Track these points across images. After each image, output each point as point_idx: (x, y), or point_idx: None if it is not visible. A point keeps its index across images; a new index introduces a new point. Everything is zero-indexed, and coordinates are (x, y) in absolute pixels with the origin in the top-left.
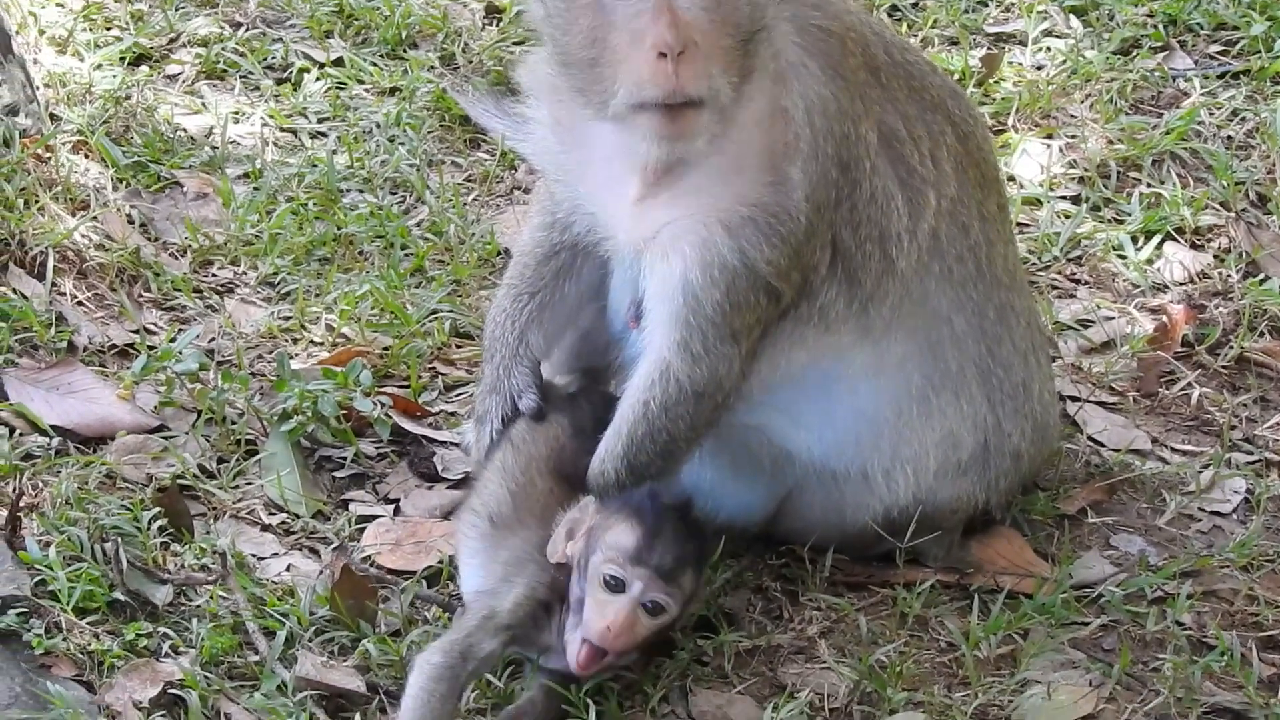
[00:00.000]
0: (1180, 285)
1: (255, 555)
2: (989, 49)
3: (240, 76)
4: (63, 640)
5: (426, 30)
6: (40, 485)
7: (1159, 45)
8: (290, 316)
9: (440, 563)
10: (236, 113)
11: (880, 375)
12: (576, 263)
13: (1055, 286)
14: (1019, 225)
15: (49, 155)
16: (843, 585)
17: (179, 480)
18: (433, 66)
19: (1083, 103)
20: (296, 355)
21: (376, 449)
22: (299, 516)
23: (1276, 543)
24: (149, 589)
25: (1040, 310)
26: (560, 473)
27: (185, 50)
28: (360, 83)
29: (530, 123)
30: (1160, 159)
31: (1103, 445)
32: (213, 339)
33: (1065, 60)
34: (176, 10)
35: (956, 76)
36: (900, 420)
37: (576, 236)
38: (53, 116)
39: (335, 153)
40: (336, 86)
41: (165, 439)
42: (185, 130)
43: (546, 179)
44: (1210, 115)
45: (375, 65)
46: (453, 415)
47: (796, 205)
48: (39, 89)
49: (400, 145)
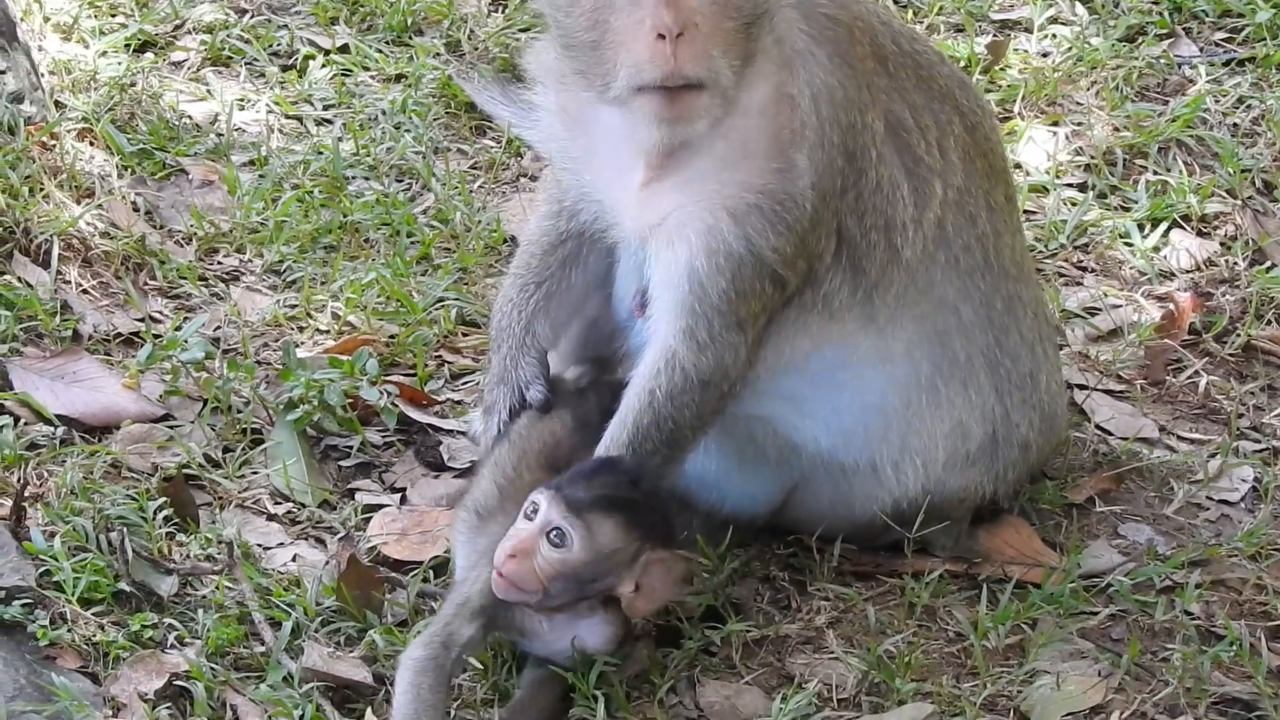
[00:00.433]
0: (1187, 273)
1: (261, 545)
2: (995, 36)
3: (245, 63)
4: (68, 631)
5: (432, 17)
6: (45, 475)
7: (1164, 32)
8: (296, 305)
9: (447, 552)
10: (242, 100)
11: (887, 364)
12: (583, 251)
13: (1062, 274)
14: (1025, 213)
15: (54, 143)
16: (851, 575)
17: (184, 470)
18: (438, 53)
19: (1088, 90)
20: (302, 344)
21: (383, 438)
22: (305, 506)
23: None
24: (154, 580)
25: (1048, 300)
26: (553, 467)
27: (190, 37)
28: (366, 69)
29: (537, 110)
30: (1166, 146)
31: (1110, 434)
32: (218, 327)
33: (1071, 47)
34: None
35: (962, 64)
36: (909, 410)
37: (583, 224)
38: (58, 104)
39: (341, 140)
40: (342, 73)
41: (170, 428)
42: (190, 117)
43: (554, 166)
44: (1216, 102)
45: (381, 52)
46: (459, 404)
47: (802, 193)
48: (44, 76)
49: (406, 132)
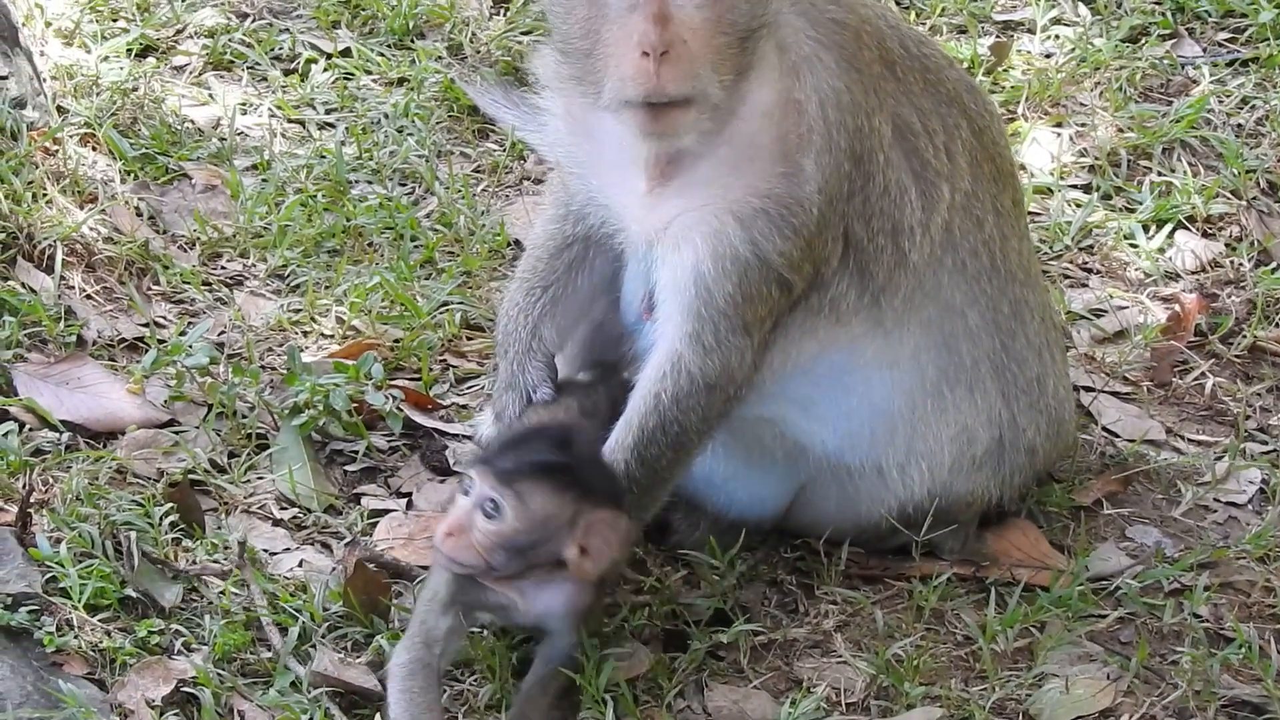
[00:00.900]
0: (1192, 274)
1: (267, 551)
2: (998, 37)
3: (247, 67)
4: (74, 638)
5: (434, 20)
6: (50, 481)
7: (1168, 33)
8: (300, 309)
9: None
10: (244, 104)
11: (894, 368)
12: (589, 255)
13: (1067, 276)
14: (1030, 215)
15: (56, 148)
16: (858, 578)
17: (190, 475)
18: (440, 56)
19: (1092, 91)
20: (307, 348)
21: (388, 442)
22: (311, 511)
23: None
24: (160, 586)
25: (1056, 305)
26: None
27: (192, 41)
28: (368, 73)
29: (544, 114)
30: (1170, 147)
31: (1117, 436)
32: (222, 332)
33: (1074, 48)
34: (183, 1)
35: (965, 65)
36: (914, 414)
37: (590, 229)
38: (60, 109)
39: (343, 144)
40: (344, 77)
41: (176, 433)
42: (193, 122)
43: (560, 171)
44: (1220, 103)
45: (383, 55)
46: (464, 408)
47: (809, 197)
48: (46, 81)
49: (409, 136)
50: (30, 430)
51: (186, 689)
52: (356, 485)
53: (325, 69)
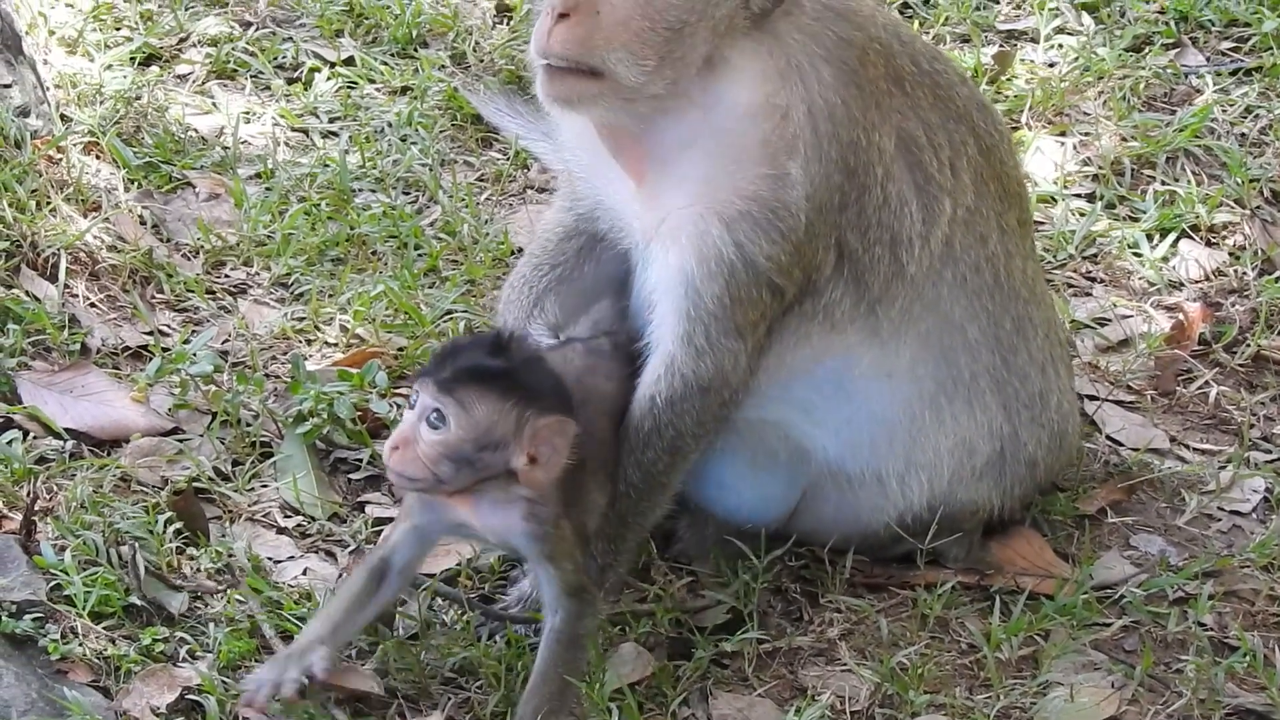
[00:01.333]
0: (1196, 283)
1: (271, 558)
2: (1001, 46)
3: (251, 76)
4: (79, 645)
5: (437, 29)
6: (55, 489)
7: (1171, 42)
8: (304, 317)
9: (458, 564)
10: (247, 113)
11: (891, 378)
12: (597, 247)
13: (1071, 285)
14: (1034, 224)
15: (60, 156)
16: (863, 587)
17: (194, 483)
18: (444, 65)
19: (1095, 100)
20: (311, 356)
21: None
22: (315, 519)
23: None
24: (166, 594)
25: (1064, 322)
26: None
27: (195, 50)
28: (371, 82)
29: (551, 120)
30: (1174, 156)
31: (1121, 444)
32: (226, 340)
33: (1077, 57)
34: (186, 10)
35: (969, 74)
36: (913, 424)
37: (602, 233)
38: (64, 117)
39: (347, 152)
40: (347, 86)
41: (180, 441)
42: (196, 130)
43: (570, 176)
44: (1223, 112)
45: (386, 64)
46: None
47: (795, 202)
48: (49, 90)
49: (412, 145)
50: (34, 438)
51: (191, 696)
52: (360, 493)
53: (329, 78)
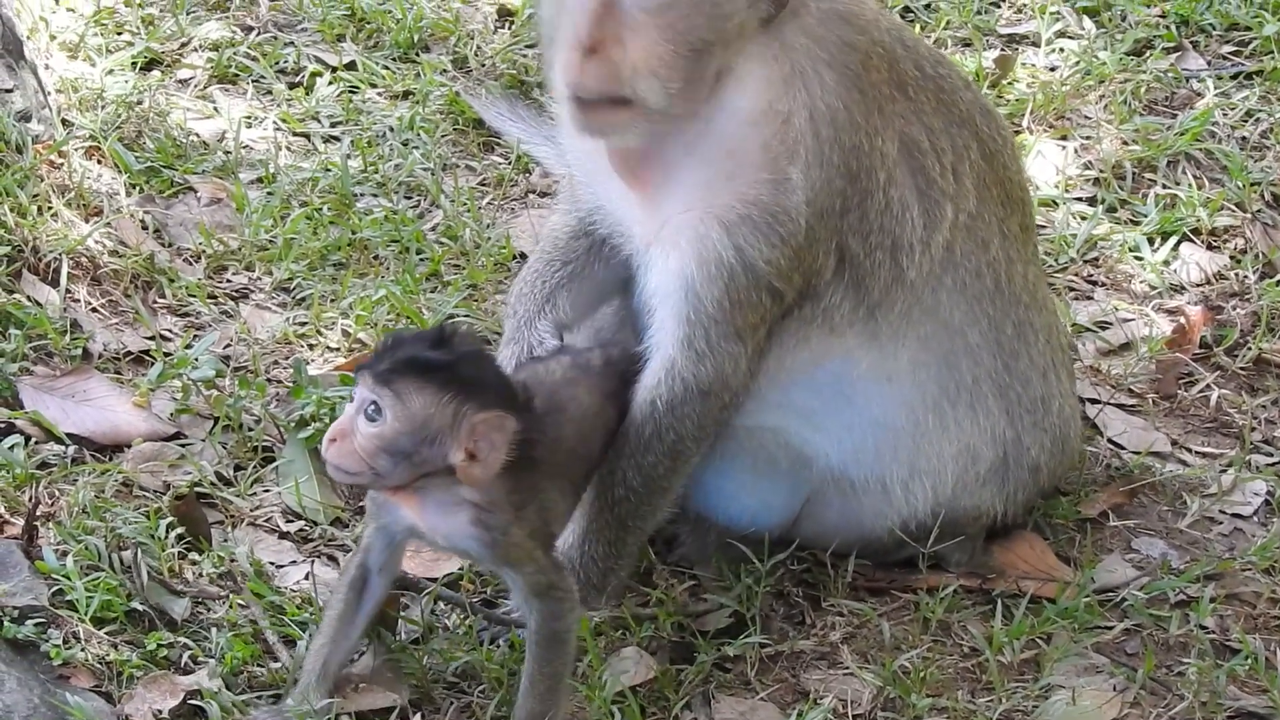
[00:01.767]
0: (1197, 286)
1: (273, 563)
2: (1002, 50)
3: (252, 81)
4: (81, 651)
5: (438, 33)
6: (57, 494)
7: (1171, 46)
8: (306, 322)
9: (460, 569)
10: (249, 117)
11: (892, 382)
12: (604, 248)
13: (1072, 288)
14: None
15: (62, 161)
16: (864, 590)
17: (196, 488)
18: (445, 70)
19: (1097, 104)
20: (312, 361)
21: None
22: (317, 524)
23: None
24: (169, 599)
25: (1066, 327)
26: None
27: (197, 54)
28: (373, 86)
29: (555, 123)
30: (1175, 160)
31: (1123, 448)
32: (228, 345)
33: (1078, 61)
34: (187, 15)
35: (971, 79)
36: (916, 430)
37: (603, 236)
38: (65, 122)
39: (349, 157)
40: (349, 90)
41: (182, 446)
42: (198, 135)
43: (572, 180)
44: (1224, 116)
45: (387, 69)
46: None
47: (796, 207)
48: (51, 95)
49: (414, 149)
50: (36, 443)
51: (194, 702)
52: (362, 498)
53: (330, 82)
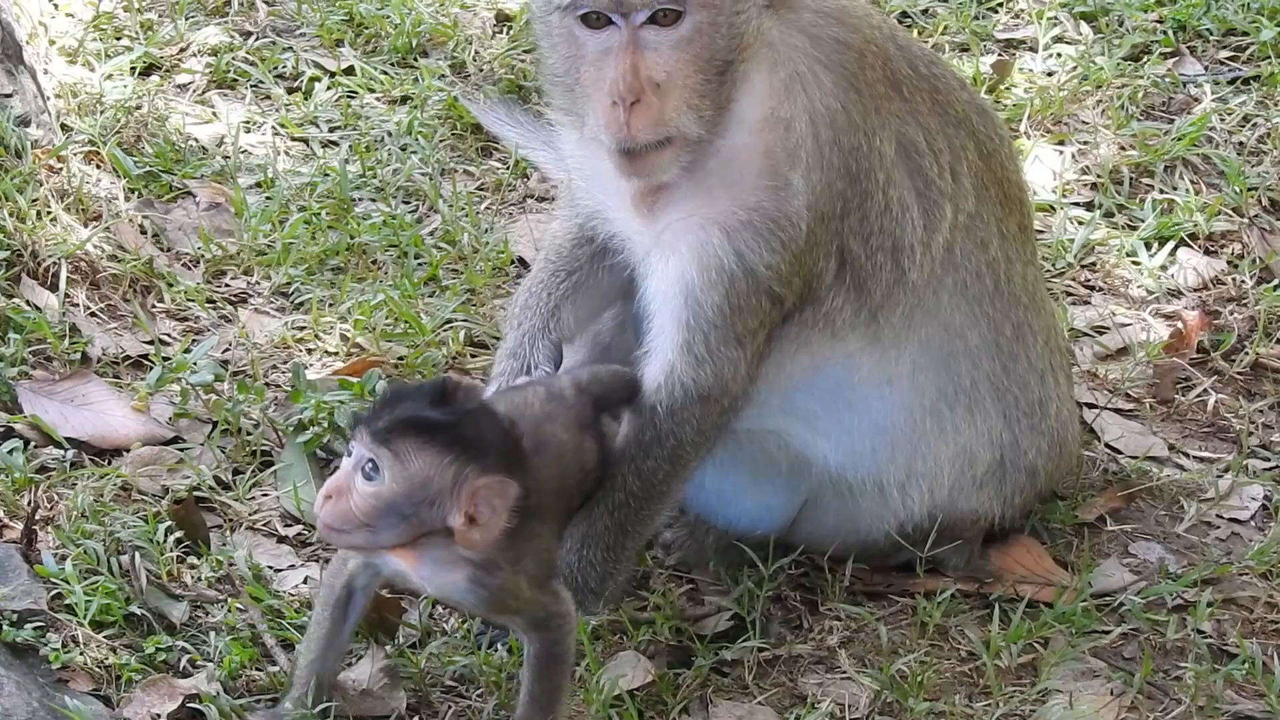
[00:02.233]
0: (1194, 291)
1: (272, 567)
2: (1000, 55)
3: (251, 86)
4: (80, 654)
5: (437, 38)
6: (56, 498)
7: (1169, 51)
8: (304, 326)
9: None
10: (248, 122)
11: (892, 385)
12: (608, 253)
13: (1070, 293)
14: None
15: (61, 166)
16: (862, 595)
17: (194, 492)
18: (443, 75)
19: (1094, 109)
20: (311, 365)
21: None
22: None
23: None
24: (168, 603)
25: (1063, 329)
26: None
27: (195, 59)
28: (371, 91)
29: (554, 128)
30: (1172, 165)
31: (1120, 452)
32: (227, 349)
33: (1076, 66)
34: (186, 20)
35: (965, 78)
36: (914, 432)
37: (604, 241)
38: (64, 127)
39: (347, 162)
40: (347, 95)
41: (180, 450)
42: (196, 140)
43: (573, 186)
44: (1221, 121)
45: (386, 74)
46: None
47: (797, 212)
48: (50, 99)
49: (412, 154)
50: (35, 447)
51: (193, 705)
52: None
53: (328, 87)
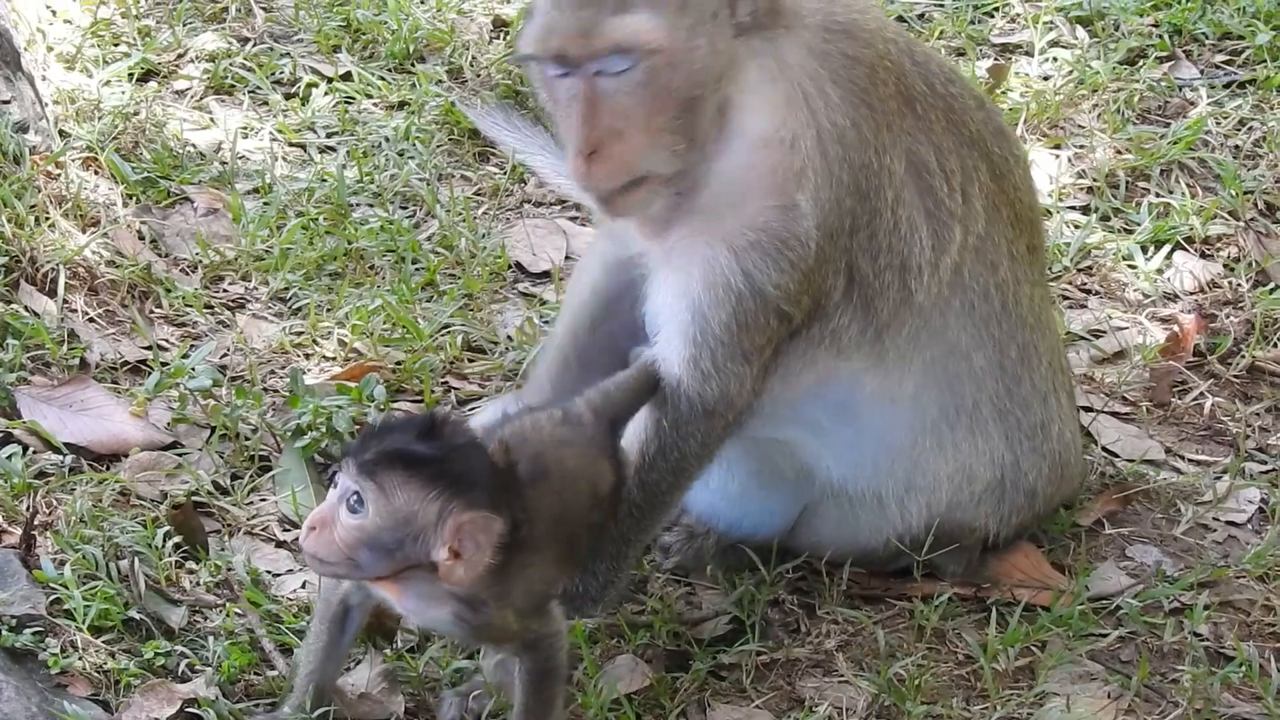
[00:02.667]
0: (1191, 295)
1: (270, 572)
2: (996, 60)
3: (248, 91)
4: (79, 659)
5: (434, 44)
6: (54, 503)
7: (1165, 55)
8: (302, 332)
9: None
10: (245, 128)
11: (895, 404)
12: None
13: (1066, 297)
14: None
15: (59, 172)
16: (860, 598)
17: (193, 497)
18: (440, 80)
19: (1090, 113)
20: (309, 370)
21: None
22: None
23: None
24: (166, 608)
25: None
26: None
27: (193, 66)
28: (368, 97)
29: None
30: (1168, 168)
31: (1117, 456)
32: (225, 355)
33: (1072, 70)
34: (184, 26)
35: (984, 96)
36: (915, 450)
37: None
38: (62, 133)
39: (344, 167)
40: (345, 101)
41: (179, 456)
42: (194, 145)
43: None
44: (1217, 124)
45: (383, 79)
46: None
47: (806, 232)
48: (48, 106)
49: (410, 159)
50: (34, 453)
51: (191, 710)
52: None
53: (326, 93)
